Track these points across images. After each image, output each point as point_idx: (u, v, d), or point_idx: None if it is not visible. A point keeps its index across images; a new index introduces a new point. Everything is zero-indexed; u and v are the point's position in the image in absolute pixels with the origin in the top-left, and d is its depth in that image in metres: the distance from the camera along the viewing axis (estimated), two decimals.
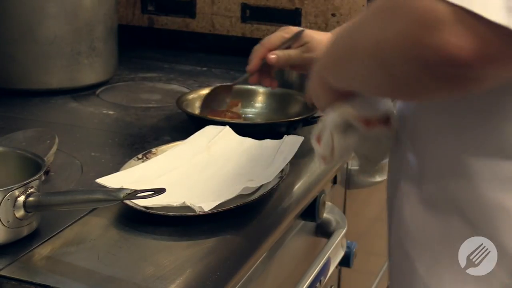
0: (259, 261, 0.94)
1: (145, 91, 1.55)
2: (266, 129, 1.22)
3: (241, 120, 1.29)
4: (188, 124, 1.26)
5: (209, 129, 1.15)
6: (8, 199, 0.83)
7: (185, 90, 1.51)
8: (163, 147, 1.11)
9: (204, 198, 0.95)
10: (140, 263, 0.85)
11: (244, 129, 1.17)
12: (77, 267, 0.83)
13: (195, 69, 1.73)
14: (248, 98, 1.36)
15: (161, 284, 0.80)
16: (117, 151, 1.19)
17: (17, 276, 0.81)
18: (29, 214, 0.86)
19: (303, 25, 1.75)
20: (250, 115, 1.32)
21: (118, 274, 0.81)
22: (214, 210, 0.92)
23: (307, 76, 0.93)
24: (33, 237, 0.88)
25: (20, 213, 0.85)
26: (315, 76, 0.89)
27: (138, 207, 0.92)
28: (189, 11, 1.85)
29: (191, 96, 1.34)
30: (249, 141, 1.13)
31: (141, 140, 1.23)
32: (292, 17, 1.76)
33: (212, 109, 1.29)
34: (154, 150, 1.10)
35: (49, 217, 0.91)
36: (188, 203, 0.92)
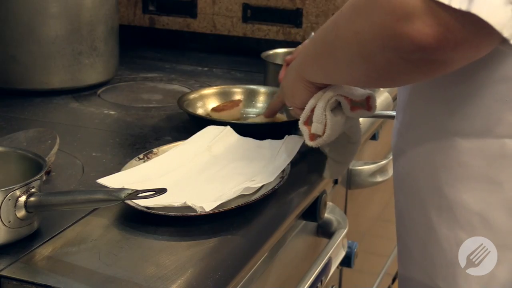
0: (260, 261, 0.94)
1: (146, 91, 1.56)
2: (267, 129, 1.22)
3: (242, 120, 1.29)
4: (189, 124, 1.26)
5: (210, 129, 1.15)
6: (9, 199, 0.83)
7: (186, 90, 1.51)
8: (164, 147, 1.11)
9: (205, 198, 0.95)
10: (141, 263, 0.85)
11: (245, 129, 1.17)
12: (78, 267, 0.83)
13: (196, 69, 1.73)
14: (249, 98, 1.36)
15: (162, 284, 0.79)
16: (118, 151, 1.19)
17: (18, 276, 0.81)
18: (30, 214, 0.86)
19: (304, 25, 1.75)
20: (251, 115, 1.32)
21: (119, 274, 0.81)
22: (215, 210, 0.92)
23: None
24: (34, 237, 0.88)
25: (21, 213, 0.85)
26: (292, 75, 0.98)
27: (139, 207, 0.92)
28: (190, 11, 1.85)
29: (192, 96, 1.34)
30: (250, 141, 1.13)
31: (142, 140, 1.23)
32: (293, 17, 1.76)
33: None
34: (155, 150, 1.10)
35: (50, 217, 0.91)
36: (190, 203, 0.92)
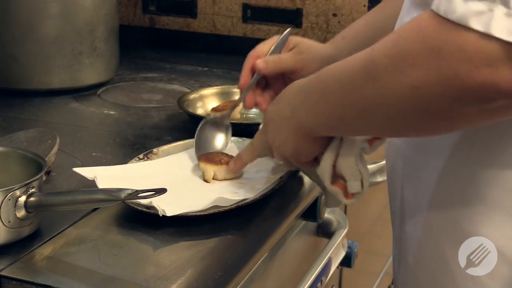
0: (260, 261, 0.94)
1: (146, 91, 1.56)
2: None
3: (242, 120, 1.29)
4: (189, 124, 1.26)
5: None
6: (9, 199, 0.84)
7: (186, 90, 1.51)
8: (164, 147, 1.11)
9: (175, 204, 0.92)
10: (141, 263, 0.85)
11: (245, 129, 1.17)
12: (78, 267, 0.83)
13: (196, 69, 1.73)
14: None
15: (162, 284, 0.80)
16: (118, 151, 1.19)
17: (18, 276, 0.81)
18: (30, 214, 0.86)
19: (304, 25, 1.75)
20: (251, 115, 1.32)
21: (119, 274, 0.81)
22: (212, 211, 0.92)
23: None
24: (34, 237, 0.88)
25: (21, 213, 0.85)
26: (292, 136, 0.88)
27: (139, 207, 0.92)
28: (190, 11, 1.85)
29: (192, 96, 1.34)
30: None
31: (142, 140, 1.23)
32: (293, 17, 1.76)
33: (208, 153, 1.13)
34: (155, 150, 1.10)
35: (50, 217, 0.91)
36: (155, 204, 0.91)
